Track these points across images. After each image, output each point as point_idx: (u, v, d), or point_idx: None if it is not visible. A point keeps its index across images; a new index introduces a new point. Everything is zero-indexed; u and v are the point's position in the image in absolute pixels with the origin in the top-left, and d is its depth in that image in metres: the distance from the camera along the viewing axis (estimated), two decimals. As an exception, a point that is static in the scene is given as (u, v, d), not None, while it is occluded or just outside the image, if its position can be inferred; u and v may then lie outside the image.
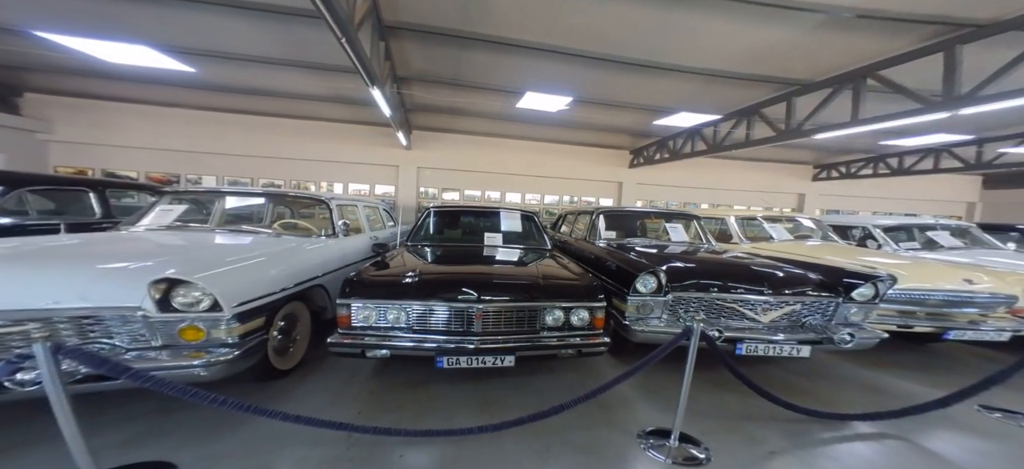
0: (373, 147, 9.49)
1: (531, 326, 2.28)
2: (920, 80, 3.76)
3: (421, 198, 10.20)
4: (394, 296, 2.21)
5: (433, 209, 4.09)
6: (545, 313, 2.28)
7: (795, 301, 2.64)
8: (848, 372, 3.03)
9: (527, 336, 2.24)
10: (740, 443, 2.01)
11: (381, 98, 4.41)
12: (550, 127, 8.86)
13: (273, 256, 2.45)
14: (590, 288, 2.35)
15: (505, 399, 2.47)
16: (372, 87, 3.95)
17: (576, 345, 2.25)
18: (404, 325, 2.22)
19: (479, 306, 2.17)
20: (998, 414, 2.32)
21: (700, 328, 1.88)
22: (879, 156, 10.06)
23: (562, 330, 2.31)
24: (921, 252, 4.65)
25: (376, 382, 2.61)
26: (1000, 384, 1.99)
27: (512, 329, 2.25)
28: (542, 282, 2.35)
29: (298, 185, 9.46)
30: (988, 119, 6.73)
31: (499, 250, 3.52)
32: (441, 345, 2.12)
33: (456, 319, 2.20)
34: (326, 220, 3.25)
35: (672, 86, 5.32)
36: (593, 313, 2.31)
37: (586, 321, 2.32)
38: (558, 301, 2.28)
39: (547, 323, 2.29)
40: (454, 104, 7.28)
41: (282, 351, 2.48)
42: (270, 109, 8.45)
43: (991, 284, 3.12)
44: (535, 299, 2.25)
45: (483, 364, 2.15)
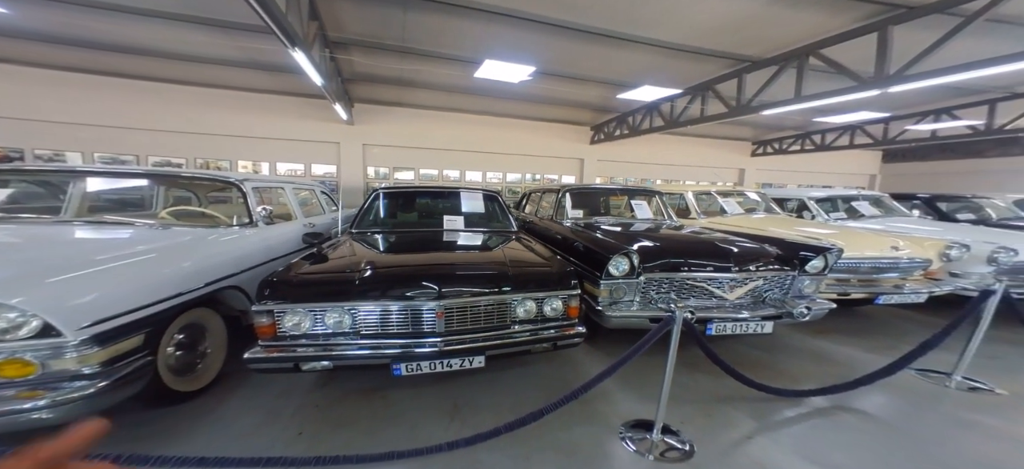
0: (307, 121, 8.41)
1: (501, 320, 2.08)
2: (856, 59, 4.06)
3: (371, 179, 9.38)
4: (332, 296, 1.86)
5: (382, 190, 3.65)
6: (516, 305, 2.08)
7: (759, 276, 2.73)
8: (799, 342, 3.27)
9: (497, 332, 2.04)
10: (718, 429, 2.02)
11: (308, 63, 3.74)
12: (510, 101, 8.51)
13: (158, 254, 1.94)
14: (563, 275, 2.18)
15: (476, 400, 2.28)
16: (294, 49, 3.31)
17: (550, 338, 2.10)
18: (349, 330, 1.89)
19: (441, 302, 1.91)
20: (930, 375, 2.63)
21: (682, 315, 1.80)
22: (806, 133, 11.23)
23: (535, 322, 2.14)
24: (847, 221, 5.23)
25: (322, 393, 2.27)
26: (934, 348, 2.23)
27: (480, 325, 2.03)
28: (511, 270, 2.13)
29: (208, 165, 8.10)
30: (899, 99, 7.71)
31: (460, 235, 3.23)
32: (397, 350, 1.83)
33: (414, 318, 1.92)
34: (240, 206, 2.69)
35: (636, 58, 5.27)
36: (568, 302, 2.16)
37: (560, 311, 2.16)
38: (529, 291, 2.09)
39: (518, 315, 2.10)
40: (403, 74, 6.61)
41: (185, 369, 2.04)
42: (165, 74, 7.00)
43: (911, 250, 3.53)
44: (504, 290, 2.03)
45: (449, 367, 1.91)
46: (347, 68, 6.30)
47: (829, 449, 1.88)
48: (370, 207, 3.48)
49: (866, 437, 1.97)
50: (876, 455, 1.85)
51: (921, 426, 2.07)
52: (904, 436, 1.99)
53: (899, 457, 1.84)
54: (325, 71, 4.84)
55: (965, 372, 2.52)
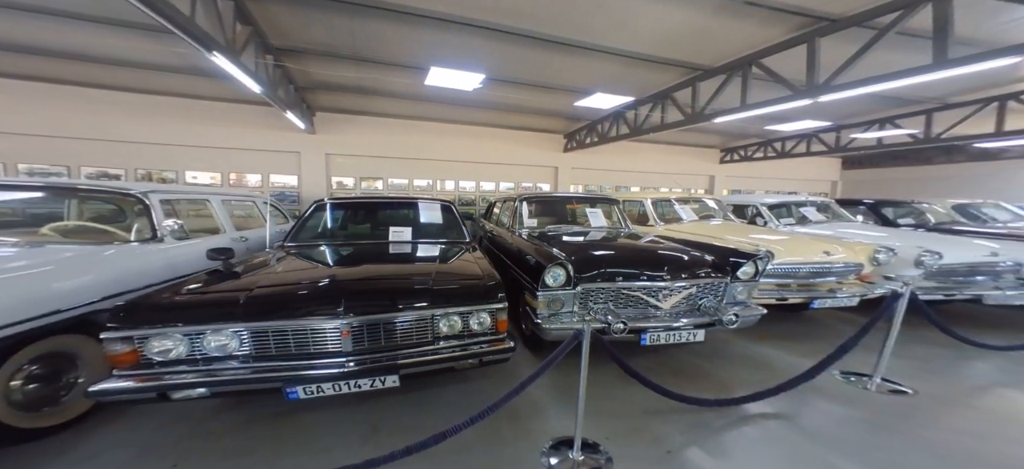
0: (263, 130, 8.13)
1: (422, 336, 2.02)
2: (792, 70, 4.32)
3: (335, 190, 9.16)
4: (209, 318, 1.75)
5: (319, 203, 3.54)
6: (439, 321, 2.03)
7: (692, 284, 2.80)
8: (740, 348, 3.36)
9: (417, 348, 1.98)
10: (642, 445, 2.01)
11: (235, 69, 3.60)
12: (481, 110, 8.55)
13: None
14: (488, 288, 2.14)
15: (400, 418, 2.22)
16: (212, 54, 3.17)
17: (476, 354, 2.06)
18: (236, 353, 1.78)
19: (346, 320, 1.83)
20: (852, 378, 2.74)
21: (590, 329, 1.80)
22: (767, 141, 11.82)
23: (461, 338, 2.09)
24: (796, 227, 5.50)
25: (221, 419, 2.13)
26: (850, 351, 2.33)
27: (396, 343, 1.97)
28: (433, 285, 2.09)
29: (150, 176, 7.68)
30: (843, 109, 8.24)
31: (403, 247, 3.17)
32: (291, 372, 1.74)
33: (315, 338, 1.84)
34: (143, 220, 2.52)
35: (590, 66, 5.41)
36: (495, 316, 2.13)
37: (488, 326, 2.13)
38: (453, 306, 2.05)
39: (442, 331, 2.05)
40: (362, 82, 6.52)
41: (39, 403, 1.86)
42: (93, 79, 6.62)
43: (844, 254, 3.73)
44: (422, 306, 1.98)
45: (357, 388, 1.84)
46: (302, 76, 6.16)
47: (747, 458, 1.91)
48: (308, 220, 3.37)
49: (783, 446, 2.01)
50: (790, 463, 1.90)
51: (835, 431, 2.14)
52: (816, 442, 2.05)
53: (809, 465, 1.89)
54: (267, 79, 4.70)
55: (884, 373, 2.64)
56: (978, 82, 6.50)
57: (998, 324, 4.17)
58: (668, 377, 2.83)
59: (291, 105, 6.01)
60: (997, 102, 6.79)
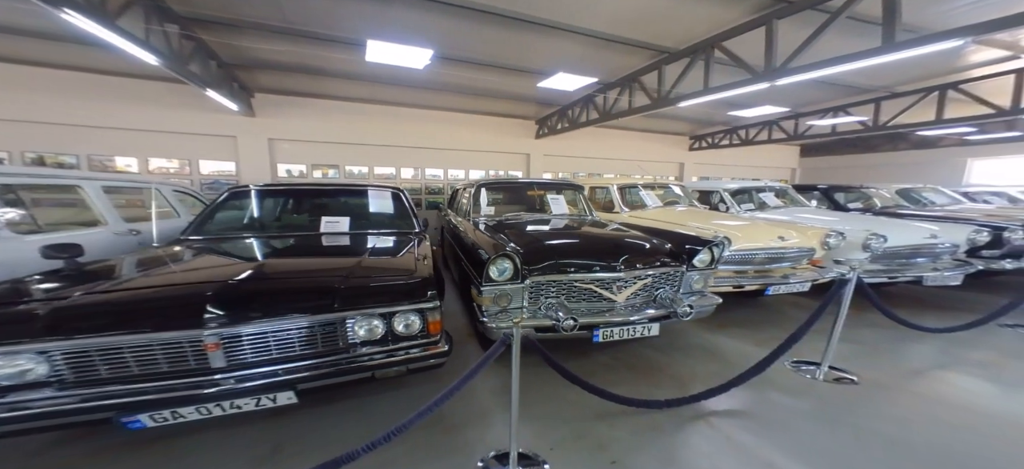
0: (191, 112, 7.31)
1: (330, 344, 1.77)
2: (751, 54, 4.33)
3: (284, 178, 8.48)
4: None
5: (234, 190, 3.13)
6: (355, 325, 1.78)
7: (647, 275, 2.70)
8: (698, 339, 3.34)
9: (324, 358, 1.72)
10: (586, 452, 1.88)
11: (110, 33, 3.03)
12: (446, 94, 8.14)
13: None
14: (414, 285, 1.91)
15: (313, 434, 1.97)
16: (62, 10, 2.62)
17: (402, 361, 1.84)
18: (49, 378, 1.44)
19: (209, 332, 1.54)
20: (802, 367, 2.76)
21: (520, 331, 1.62)
22: (733, 128, 12.22)
23: (384, 343, 1.85)
24: (755, 212, 5.65)
25: (68, 450, 1.81)
26: (798, 341, 2.32)
27: (293, 353, 1.70)
28: (345, 284, 1.82)
29: (43, 160, 6.71)
30: (800, 96, 8.56)
31: (333, 239, 2.87)
32: (133, 397, 1.45)
33: (170, 355, 1.54)
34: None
35: (549, 46, 5.20)
36: (425, 316, 1.91)
37: (417, 328, 1.90)
38: (370, 306, 1.80)
39: (360, 336, 1.80)
40: (304, 61, 5.96)
41: None
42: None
43: (797, 239, 3.80)
44: (329, 308, 1.72)
45: (236, 409, 1.57)
46: (229, 52, 5.51)
47: (693, 463, 1.83)
48: (215, 210, 2.96)
49: (731, 447, 1.95)
50: (735, 463, 1.84)
51: (782, 428, 2.09)
52: (764, 439, 2.01)
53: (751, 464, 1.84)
54: (170, 50, 4.10)
55: (832, 361, 2.69)
56: (922, 72, 6.90)
57: (937, 305, 4.47)
58: (624, 373, 2.75)
59: (214, 83, 5.38)
60: (938, 91, 7.27)
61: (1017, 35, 5.23)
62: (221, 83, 5.72)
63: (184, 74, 4.36)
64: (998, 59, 6.11)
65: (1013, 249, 4.40)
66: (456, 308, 4.05)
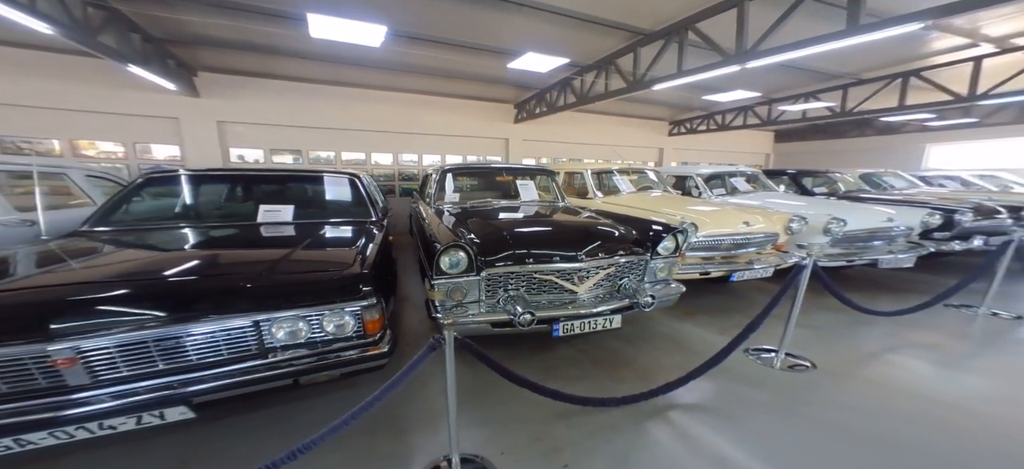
0: (125, 90, 6.66)
1: (240, 350, 1.59)
2: (723, 36, 4.29)
3: (238, 163, 7.97)
4: None
5: (151, 175, 2.82)
6: (270, 326, 1.61)
7: (610, 264, 2.65)
8: (665, 328, 3.35)
9: (230, 367, 1.55)
10: (537, 458, 1.81)
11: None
12: (417, 76, 7.78)
13: None
14: (346, 281, 1.74)
15: (224, 452, 1.81)
16: None
17: (331, 365, 1.69)
18: None
19: (62, 347, 1.32)
20: (761, 355, 2.80)
21: (453, 336, 1.51)
22: (710, 114, 12.40)
23: (312, 346, 1.69)
24: (727, 197, 5.73)
25: None
26: (755, 330, 2.32)
27: (188, 363, 1.52)
28: (251, 284, 1.62)
29: None
30: (772, 81, 8.71)
31: (266, 230, 2.65)
32: None
33: (14, 373, 1.33)
34: None
35: (515, 23, 4.98)
36: (360, 316, 1.76)
37: (352, 328, 1.76)
38: (286, 307, 1.62)
39: (280, 339, 1.64)
40: (249, 37, 5.49)
41: None
42: None
43: (763, 224, 3.86)
44: (235, 310, 1.54)
45: (110, 429, 1.40)
46: (156, 25, 4.98)
47: (647, 465, 1.80)
48: (126, 198, 2.66)
49: (685, 445, 1.93)
50: (689, 460, 1.83)
51: (738, 421, 2.09)
52: (721, 434, 2.00)
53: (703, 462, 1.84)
54: (73, 19, 3.59)
55: (789, 347, 2.74)
56: (886, 60, 7.11)
57: (892, 287, 4.68)
58: (589, 368, 2.72)
59: (139, 59, 4.86)
60: (901, 78, 7.54)
61: (976, 22, 5.42)
62: (150, 59, 5.19)
63: (94, 47, 3.88)
64: (958, 47, 6.35)
65: (962, 231, 4.65)
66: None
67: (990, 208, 4.96)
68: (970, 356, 2.85)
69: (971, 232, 4.70)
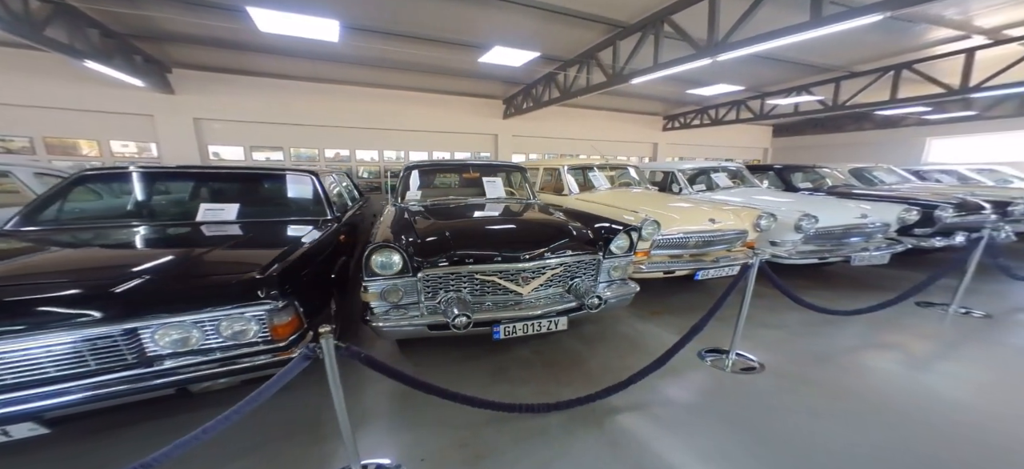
0: (96, 87, 6.62)
1: (113, 359, 1.52)
2: (697, 29, 4.21)
3: (216, 161, 7.95)
4: None
5: (82, 173, 2.76)
6: (152, 334, 1.55)
7: (556, 264, 2.60)
8: (627, 327, 3.31)
9: (99, 377, 1.48)
10: (457, 464, 1.78)
11: None
12: (405, 73, 7.77)
13: None
14: (245, 284, 1.67)
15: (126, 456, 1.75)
16: None
17: (225, 373, 1.63)
18: None
19: None
20: (711, 356, 2.76)
21: (332, 345, 1.46)
22: (703, 108, 12.29)
23: (208, 353, 1.64)
24: (707, 193, 5.67)
25: None
26: (700, 332, 2.28)
27: (42, 376, 1.44)
28: (117, 291, 1.53)
29: None
30: (763, 75, 8.60)
31: (209, 230, 2.61)
32: None
33: None
34: None
35: (482, 16, 4.92)
36: (265, 320, 1.69)
37: (254, 333, 1.70)
38: (168, 314, 1.56)
39: (165, 347, 1.58)
40: (218, 32, 5.43)
41: None
42: None
43: (732, 221, 3.80)
44: (96, 316, 1.46)
45: None
46: (119, 21, 4.92)
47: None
48: (58, 195, 2.62)
49: (619, 456, 1.89)
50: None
51: (678, 429, 2.04)
52: (654, 439, 1.96)
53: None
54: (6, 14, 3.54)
55: (739, 348, 2.69)
56: (877, 52, 7.00)
57: (866, 283, 4.61)
58: (538, 369, 2.68)
59: (97, 55, 4.81)
60: (893, 70, 7.43)
61: (968, 13, 5.32)
62: (112, 55, 5.14)
63: (41, 41, 3.85)
64: (950, 39, 6.25)
65: (943, 227, 4.58)
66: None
67: (975, 204, 4.88)
68: (932, 357, 2.80)
69: (952, 228, 4.63)
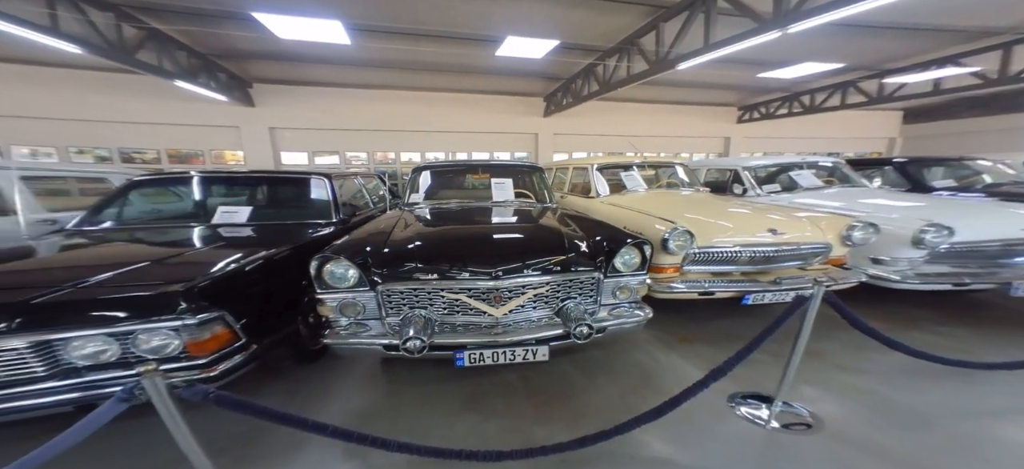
0: (192, 104, 7.90)
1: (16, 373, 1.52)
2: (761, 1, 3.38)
3: (285, 166, 9.05)
4: None
5: (133, 181, 3.17)
6: (68, 347, 1.54)
7: (541, 283, 2.18)
8: (642, 355, 2.74)
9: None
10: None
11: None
12: (440, 75, 7.96)
13: None
14: (167, 297, 1.59)
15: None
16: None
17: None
18: None
19: None
20: (748, 403, 2.06)
21: (162, 383, 1.24)
22: (794, 94, 10.29)
23: (127, 367, 1.60)
24: (784, 195, 4.58)
25: None
26: (725, 375, 1.68)
27: None
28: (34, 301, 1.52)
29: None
30: (880, 49, 6.80)
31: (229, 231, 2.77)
32: None
33: None
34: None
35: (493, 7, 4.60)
36: (186, 334, 1.62)
37: (174, 349, 1.64)
38: (88, 326, 1.54)
39: (80, 359, 1.57)
40: (276, 48, 6.06)
41: None
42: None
43: (809, 232, 2.91)
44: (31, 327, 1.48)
45: None
46: (202, 42, 5.76)
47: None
48: (112, 200, 3.02)
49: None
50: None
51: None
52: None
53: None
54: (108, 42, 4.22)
55: (791, 396, 1.96)
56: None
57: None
58: (519, 400, 2.30)
59: (184, 75, 5.65)
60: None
61: None
62: (198, 74, 6.04)
63: (133, 64, 4.59)
64: None
65: None
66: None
67: None
68: None
69: None
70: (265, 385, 2.44)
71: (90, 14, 4.04)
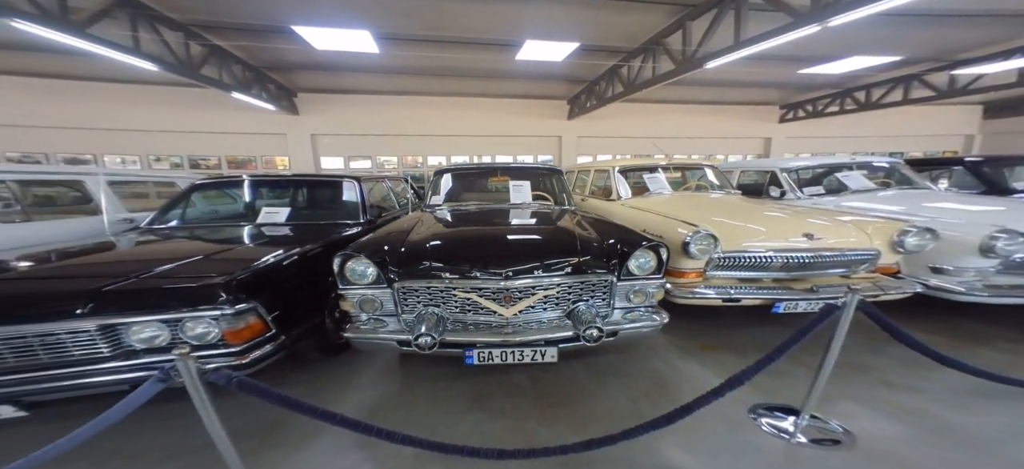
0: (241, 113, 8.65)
1: (85, 352, 1.71)
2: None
3: (326, 171, 9.69)
4: None
5: (194, 185, 3.51)
6: (127, 331, 1.72)
7: (551, 285, 2.17)
8: (660, 361, 2.65)
9: (74, 369, 1.68)
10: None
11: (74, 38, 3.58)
12: (465, 80, 8.18)
13: None
14: (207, 289, 1.75)
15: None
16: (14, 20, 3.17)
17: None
18: None
19: None
20: (767, 417, 1.92)
21: (196, 367, 1.35)
22: (845, 91, 9.46)
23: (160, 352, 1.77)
24: (825, 198, 4.23)
25: None
26: (743, 383, 1.58)
27: (24, 361, 1.66)
28: (106, 289, 1.71)
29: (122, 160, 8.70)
30: (944, 38, 6.13)
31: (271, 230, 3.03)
32: None
33: None
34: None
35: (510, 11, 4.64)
36: (223, 324, 1.76)
37: (213, 337, 1.79)
38: (139, 312, 1.72)
39: (139, 343, 1.75)
40: (320, 60, 6.53)
41: None
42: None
43: (853, 238, 2.68)
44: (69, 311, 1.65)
45: None
46: (254, 55, 6.31)
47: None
48: (176, 202, 3.37)
49: None
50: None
51: None
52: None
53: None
54: (178, 59, 4.75)
55: (820, 409, 1.80)
56: None
57: None
58: (524, 400, 2.30)
59: (240, 87, 6.22)
60: None
61: None
62: (251, 86, 6.63)
63: (198, 79, 5.13)
64: None
65: None
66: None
67: None
68: None
69: None
70: (291, 374, 2.60)
71: (164, 34, 4.62)
